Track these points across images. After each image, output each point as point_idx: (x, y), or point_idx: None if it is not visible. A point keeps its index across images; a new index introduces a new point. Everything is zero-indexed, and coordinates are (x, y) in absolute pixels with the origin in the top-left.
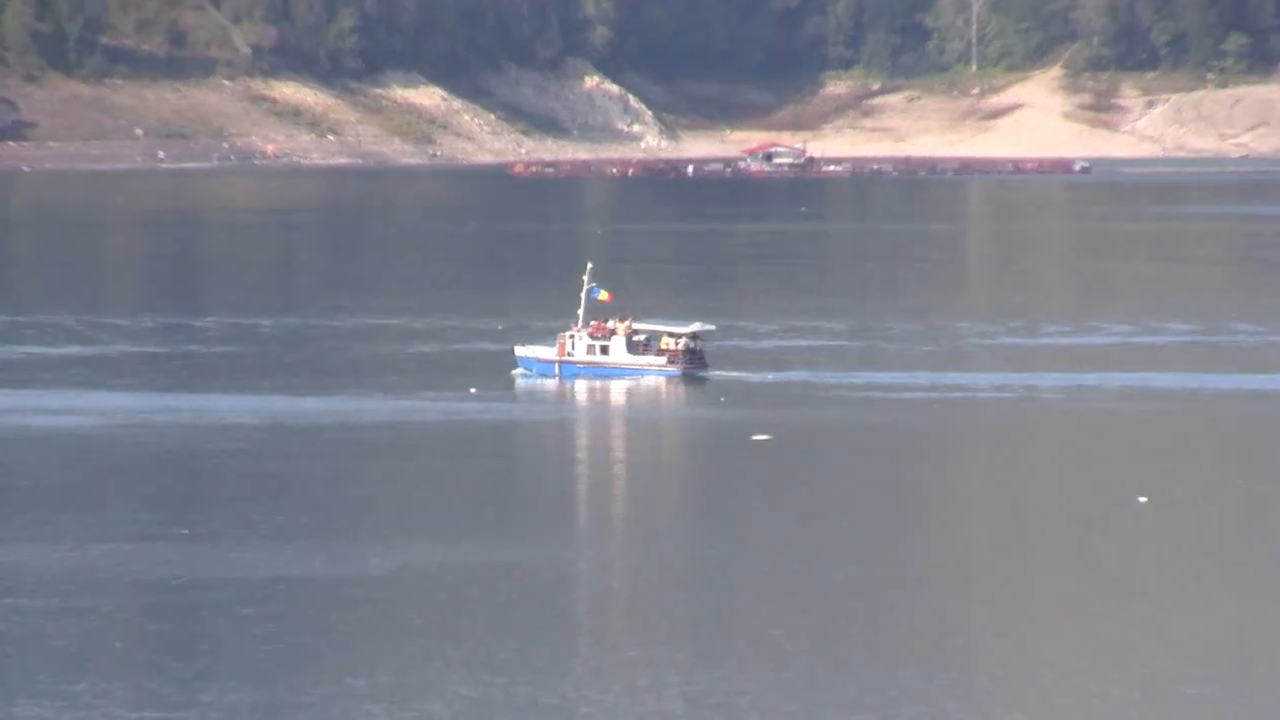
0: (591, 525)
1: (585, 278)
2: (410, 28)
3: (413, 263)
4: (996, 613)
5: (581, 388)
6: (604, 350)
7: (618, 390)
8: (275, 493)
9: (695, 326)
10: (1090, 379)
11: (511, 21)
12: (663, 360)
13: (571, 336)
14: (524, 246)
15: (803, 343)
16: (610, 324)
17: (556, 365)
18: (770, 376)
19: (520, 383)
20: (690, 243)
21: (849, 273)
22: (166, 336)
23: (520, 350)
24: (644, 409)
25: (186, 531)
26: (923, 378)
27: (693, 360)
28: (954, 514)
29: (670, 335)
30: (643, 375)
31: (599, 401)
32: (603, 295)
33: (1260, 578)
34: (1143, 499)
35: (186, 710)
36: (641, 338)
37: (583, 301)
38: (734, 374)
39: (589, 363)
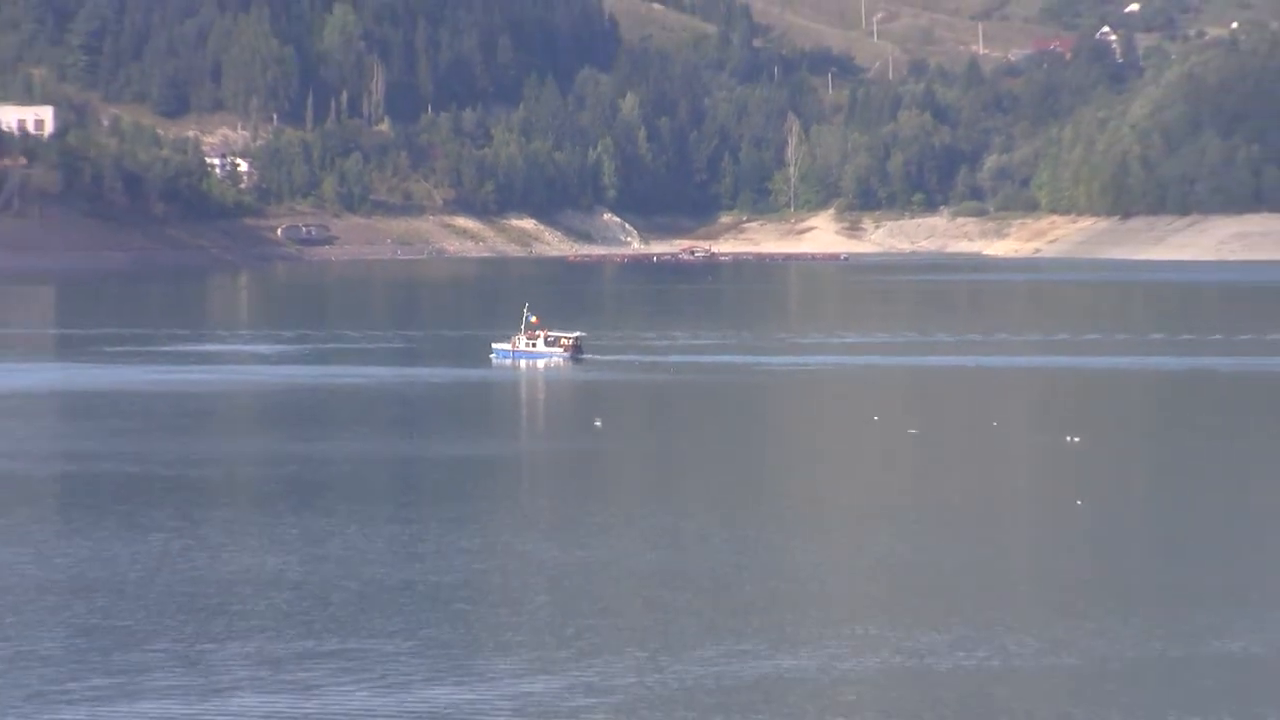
0: (529, 427)
1: (525, 310)
2: (520, 190)
3: (509, 304)
4: (799, 475)
5: (522, 363)
6: (533, 345)
7: (539, 364)
8: (448, 413)
9: (578, 333)
10: (854, 359)
11: (572, 187)
12: (561, 349)
13: (518, 338)
14: (567, 295)
15: (693, 339)
16: (537, 332)
17: (511, 351)
18: (644, 358)
19: (494, 360)
20: (653, 295)
21: (730, 309)
22: (397, 340)
23: (494, 344)
24: (552, 372)
25: (412, 435)
26: (762, 359)
27: (576, 349)
28: (776, 424)
29: (565, 337)
30: (551, 357)
31: (530, 369)
32: (533, 319)
33: (947, 455)
34: (876, 417)
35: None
36: (552, 338)
37: (523, 321)
38: (609, 357)
39: (526, 351)
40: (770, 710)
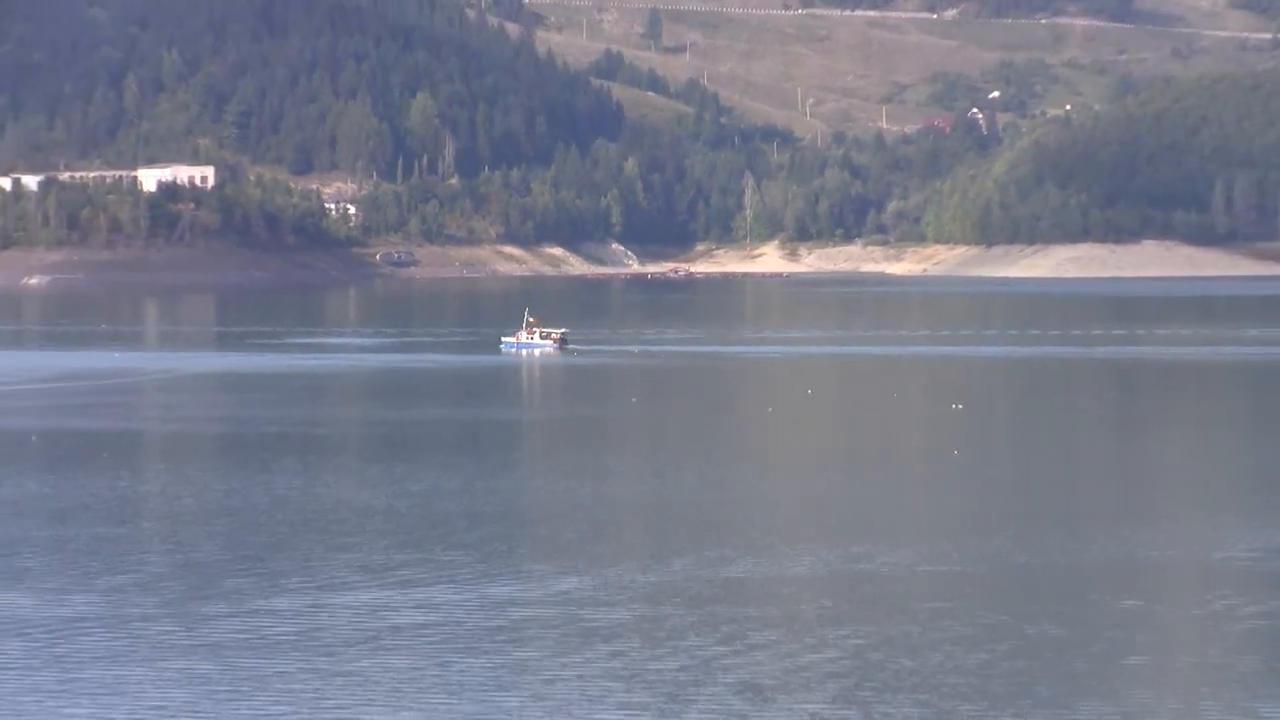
0: (529, 396)
1: (525, 313)
2: (552, 226)
3: (537, 310)
4: (753, 432)
5: (524, 352)
6: (530, 338)
7: (536, 353)
8: (485, 388)
9: (563, 330)
10: (792, 349)
11: (589, 224)
12: (551, 342)
13: (520, 333)
14: (581, 303)
15: (675, 334)
16: (534, 329)
17: (516, 343)
18: (614, 347)
19: (503, 350)
20: (647, 303)
21: (699, 313)
22: (459, 335)
23: (503, 338)
24: (547, 358)
25: (473, 401)
26: (724, 349)
27: (563, 342)
28: (733, 396)
29: (555, 332)
30: (544, 348)
31: (529, 356)
32: (531, 319)
33: (862, 418)
34: (810, 391)
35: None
36: (545, 333)
37: (524, 321)
38: (588, 347)
39: (526, 343)
40: (734, 600)
